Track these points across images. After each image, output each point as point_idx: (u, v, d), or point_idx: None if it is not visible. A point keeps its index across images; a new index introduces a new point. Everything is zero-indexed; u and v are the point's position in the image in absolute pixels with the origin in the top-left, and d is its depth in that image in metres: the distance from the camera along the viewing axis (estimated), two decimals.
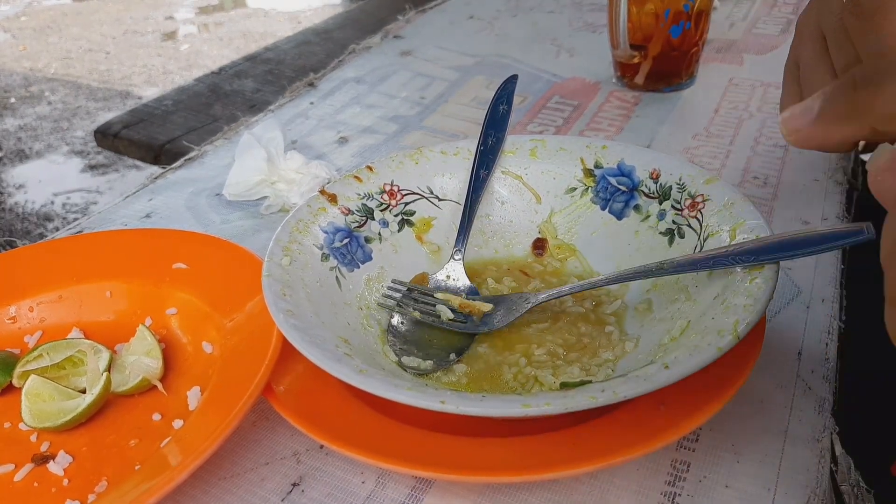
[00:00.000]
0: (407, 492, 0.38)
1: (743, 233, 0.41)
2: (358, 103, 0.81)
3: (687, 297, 0.42)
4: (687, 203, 0.46)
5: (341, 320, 0.43)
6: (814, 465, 0.38)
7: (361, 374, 0.35)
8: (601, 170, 0.51)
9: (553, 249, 0.51)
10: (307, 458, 0.40)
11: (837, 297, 0.49)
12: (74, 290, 0.50)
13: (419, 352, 0.44)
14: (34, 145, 2.92)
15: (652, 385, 0.32)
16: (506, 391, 0.41)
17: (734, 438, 0.40)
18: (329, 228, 0.47)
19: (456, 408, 0.33)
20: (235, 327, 0.45)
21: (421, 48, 0.94)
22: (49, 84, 3.44)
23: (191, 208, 0.63)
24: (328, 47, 1.65)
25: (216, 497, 0.38)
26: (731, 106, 0.75)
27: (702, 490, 0.37)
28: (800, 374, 0.43)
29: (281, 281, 0.42)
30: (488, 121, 0.53)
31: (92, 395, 0.42)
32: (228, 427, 0.36)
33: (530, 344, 0.44)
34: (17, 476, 0.40)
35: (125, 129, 1.39)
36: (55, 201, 2.54)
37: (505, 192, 0.53)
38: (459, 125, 0.75)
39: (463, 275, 0.48)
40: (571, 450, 0.35)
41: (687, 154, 0.67)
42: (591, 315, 0.46)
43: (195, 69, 3.44)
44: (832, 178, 0.62)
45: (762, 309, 0.36)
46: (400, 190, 0.51)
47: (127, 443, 0.41)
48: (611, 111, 0.75)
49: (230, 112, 1.40)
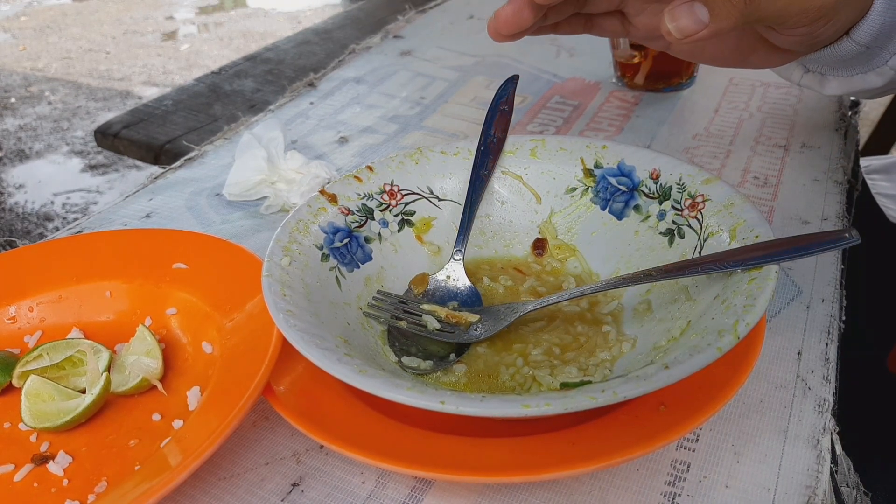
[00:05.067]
0: (407, 492, 0.38)
1: (743, 233, 0.41)
2: (358, 103, 0.81)
3: (687, 297, 0.42)
4: (687, 203, 0.46)
5: (341, 320, 0.43)
6: (814, 465, 0.38)
7: (361, 374, 0.35)
8: (601, 170, 0.51)
9: (553, 249, 0.51)
10: (307, 458, 0.40)
11: (837, 297, 0.49)
12: (74, 290, 0.50)
13: (419, 352, 0.44)
14: (34, 145, 2.92)
15: (652, 385, 0.32)
16: (505, 391, 0.41)
17: (734, 438, 0.40)
18: (329, 228, 0.47)
19: (456, 408, 0.33)
20: (235, 327, 0.45)
21: (421, 48, 0.94)
22: (49, 84, 3.44)
23: (191, 208, 0.63)
24: (328, 47, 1.65)
25: (216, 497, 0.38)
26: (731, 106, 0.75)
27: (702, 490, 0.37)
28: (800, 374, 0.43)
29: (281, 281, 0.42)
30: (488, 121, 0.53)
31: (92, 395, 0.42)
32: (228, 427, 0.36)
33: (527, 344, 0.44)
34: (17, 476, 0.40)
35: (125, 129, 1.39)
36: (55, 201, 2.54)
37: (505, 192, 0.53)
38: (459, 125, 0.75)
39: (463, 275, 0.48)
40: (571, 450, 0.35)
41: (687, 154, 0.67)
42: (587, 315, 0.46)
43: (195, 69, 3.44)
44: (832, 178, 0.62)
45: (762, 309, 0.36)
46: (400, 190, 0.51)
47: (127, 443, 0.41)
48: (611, 111, 0.75)
49: (230, 112, 1.40)
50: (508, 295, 0.49)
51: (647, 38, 0.54)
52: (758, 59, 0.53)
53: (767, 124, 0.71)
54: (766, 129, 0.70)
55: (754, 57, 0.53)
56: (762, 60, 0.53)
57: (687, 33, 0.41)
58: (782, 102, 0.74)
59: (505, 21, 0.45)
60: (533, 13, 0.45)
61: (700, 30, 0.41)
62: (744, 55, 0.53)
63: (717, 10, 0.41)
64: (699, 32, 0.41)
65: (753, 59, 0.53)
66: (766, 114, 0.72)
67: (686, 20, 0.41)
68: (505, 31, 0.45)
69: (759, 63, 0.54)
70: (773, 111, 0.73)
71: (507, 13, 0.45)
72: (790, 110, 0.73)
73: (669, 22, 0.41)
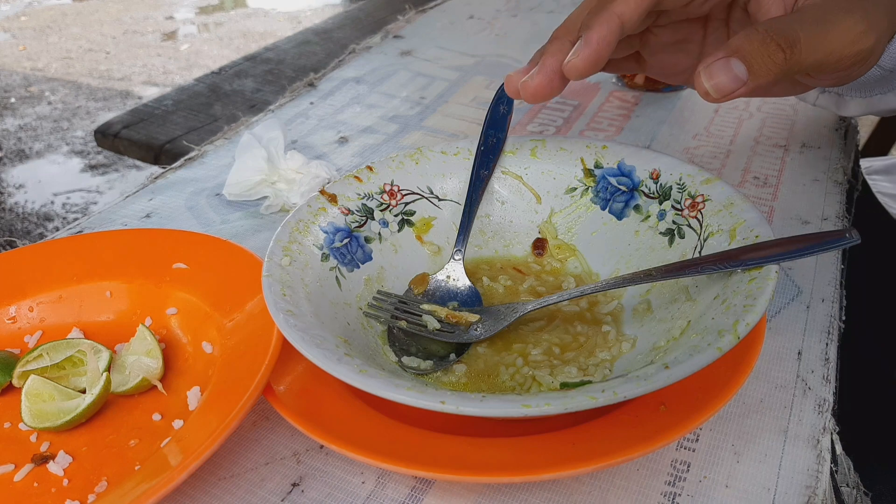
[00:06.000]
0: (407, 492, 0.38)
1: (743, 233, 0.42)
2: (358, 103, 0.81)
3: (687, 297, 0.42)
4: (687, 203, 0.46)
5: (341, 320, 0.43)
6: (814, 465, 0.38)
7: (361, 374, 0.35)
8: (601, 170, 0.51)
9: (553, 249, 0.51)
10: (307, 458, 0.40)
11: (837, 297, 0.49)
12: (74, 290, 0.50)
13: (419, 352, 0.44)
14: (34, 145, 2.92)
15: (652, 385, 0.32)
16: (505, 391, 0.41)
17: (734, 438, 0.40)
18: (329, 228, 0.47)
19: (456, 408, 0.33)
20: (235, 327, 0.45)
21: (421, 48, 0.94)
22: (49, 84, 3.44)
23: (191, 208, 0.63)
24: (328, 47, 1.65)
25: (216, 497, 0.38)
26: (731, 106, 0.75)
27: (702, 490, 0.37)
28: (800, 374, 0.43)
29: (281, 281, 0.42)
30: (488, 121, 0.53)
31: (92, 395, 0.42)
32: (228, 427, 0.36)
33: (527, 344, 0.44)
34: (17, 476, 0.40)
35: (125, 129, 1.39)
36: (55, 201, 2.54)
37: (505, 192, 0.53)
38: (459, 125, 0.75)
39: (463, 275, 0.48)
40: (571, 450, 0.35)
41: (687, 154, 0.67)
42: (587, 315, 0.46)
43: (195, 69, 3.44)
44: (832, 178, 0.62)
45: (762, 309, 0.36)
46: (400, 190, 0.51)
47: (127, 443, 0.41)
48: (611, 111, 0.75)
49: (230, 112, 1.40)
50: (508, 295, 0.49)
51: (662, 74, 0.53)
52: (780, 90, 0.52)
53: (767, 124, 0.71)
54: (766, 129, 0.70)
55: (777, 88, 0.52)
56: (784, 91, 0.53)
57: (724, 92, 0.39)
58: (782, 102, 0.74)
59: (534, 92, 0.43)
60: (563, 82, 0.43)
61: (738, 87, 0.39)
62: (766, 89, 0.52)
63: (756, 67, 0.39)
64: (737, 90, 0.39)
65: (775, 90, 0.52)
66: (766, 114, 0.73)
67: (723, 77, 0.39)
68: (535, 101, 0.44)
69: (780, 93, 0.53)
70: (773, 111, 0.73)
71: (538, 84, 0.43)
72: (790, 110, 0.73)
73: (706, 80, 0.39)
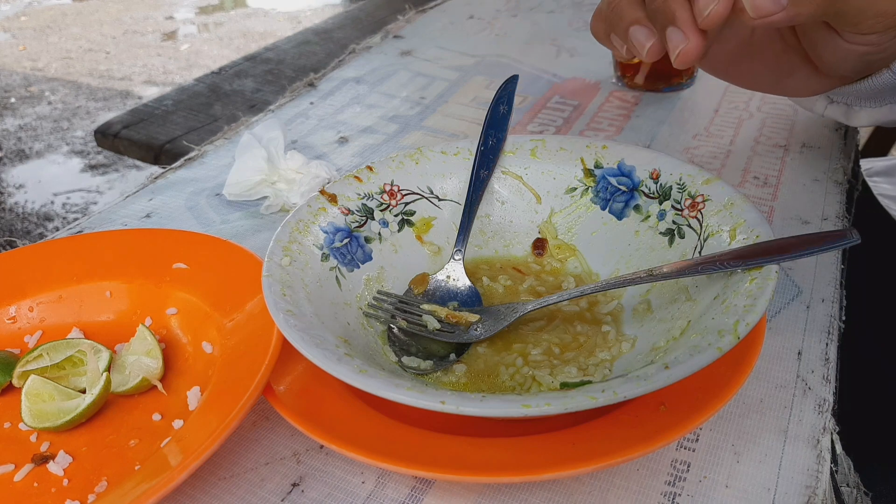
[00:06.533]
0: (407, 492, 0.38)
1: (743, 233, 0.41)
2: (358, 103, 0.81)
3: (687, 297, 0.42)
4: (687, 203, 0.46)
5: (341, 320, 0.43)
6: (814, 465, 0.38)
7: (361, 374, 0.35)
8: (601, 170, 0.51)
9: (553, 249, 0.51)
10: (307, 458, 0.40)
11: (837, 297, 0.49)
12: (74, 290, 0.50)
13: (419, 352, 0.44)
14: (34, 145, 2.92)
15: (652, 385, 0.32)
16: (505, 391, 0.41)
17: (734, 438, 0.40)
18: (329, 228, 0.47)
19: (456, 408, 0.33)
20: (235, 327, 0.45)
21: (421, 48, 0.94)
22: (49, 84, 3.44)
23: (191, 208, 0.63)
24: (328, 47, 1.65)
25: (216, 497, 0.38)
26: (731, 106, 0.75)
27: (702, 490, 0.37)
28: (800, 374, 0.43)
29: (281, 281, 0.42)
30: (488, 121, 0.53)
31: (92, 395, 0.42)
32: (228, 427, 0.36)
33: (527, 344, 0.44)
34: (17, 476, 0.40)
35: (125, 129, 1.39)
36: (55, 201, 2.54)
37: (505, 192, 0.53)
38: (459, 125, 0.75)
39: (463, 275, 0.48)
40: (571, 450, 0.35)
41: (687, 154, 0.67)
42: (587, 314, 0.46)
43: (195, 69, 3.44)
44: (832, 178, 0.62)
45: (762, 309, 0.36)
46: (400, 190, 0.51)
47: (127, 443, 0.41)
48: (611, 111, 0.75)
49: (230, 112, 1.40)
50: (508, 295, 0.49)
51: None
52: (794, 82, 0.50)
53: (767, 124, 0.71)
54: (766, 129, 0.70)
55: (791, 80, 0.50)
56: (798, 84, 0.51)
57: (762, 13, 0.37)
58: (782, 102, 0.74)
59: (714, 21, 0.39)
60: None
61: (776, 11, 0.37)
62: (782, 75, 0.50)
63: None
64: (775, 15, 0.37)
65: (790, 82, 0.50)
66: (766, 114, 0.72)
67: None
68: (707, 29, 0.40)
69: (794, 87, 0.51)
70: (773, 111, 0.73)
71: (723, 8, 0.39)
72: (790, 110, 0.73)
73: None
